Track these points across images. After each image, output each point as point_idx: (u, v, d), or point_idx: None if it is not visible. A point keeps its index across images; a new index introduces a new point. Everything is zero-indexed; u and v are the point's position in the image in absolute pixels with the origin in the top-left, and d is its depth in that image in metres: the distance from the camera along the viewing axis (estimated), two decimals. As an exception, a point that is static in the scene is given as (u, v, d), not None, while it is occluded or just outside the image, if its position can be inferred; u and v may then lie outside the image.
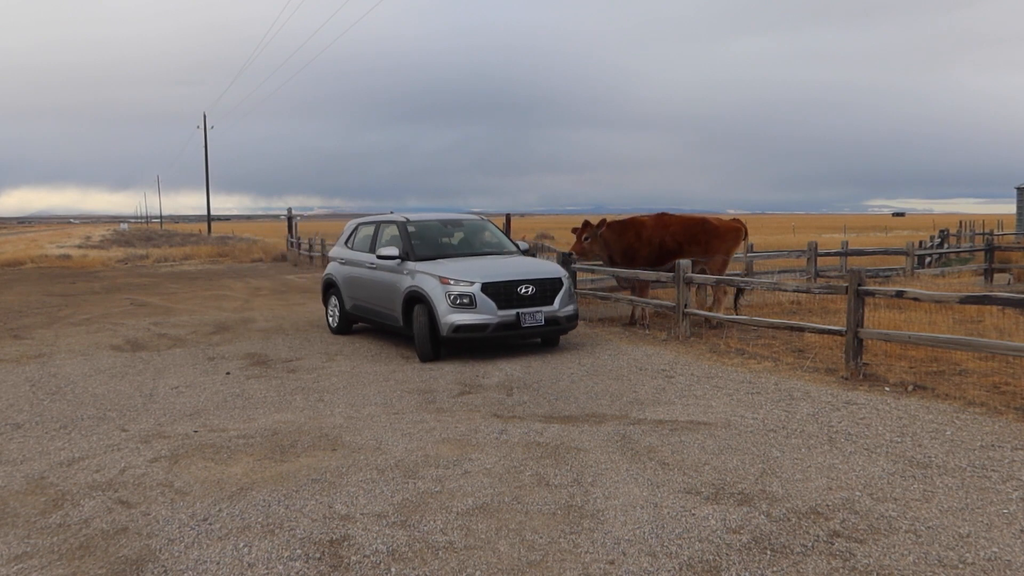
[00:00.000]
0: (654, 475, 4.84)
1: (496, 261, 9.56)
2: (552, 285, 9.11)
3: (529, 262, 9.66)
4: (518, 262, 9.54)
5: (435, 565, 3.69)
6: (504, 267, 9.22)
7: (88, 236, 61.12)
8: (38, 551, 3.89)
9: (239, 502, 4.48)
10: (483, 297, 8.71)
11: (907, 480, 4.72)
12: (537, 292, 8.93)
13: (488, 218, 10.50)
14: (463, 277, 8.80)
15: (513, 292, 8.82)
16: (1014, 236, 31.70)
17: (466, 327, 8.65)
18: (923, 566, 3.62)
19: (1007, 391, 6.90)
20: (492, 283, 8.79)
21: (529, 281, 8.96)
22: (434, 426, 6.04)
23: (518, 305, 8.81)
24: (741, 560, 3.70)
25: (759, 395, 6.95)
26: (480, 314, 8.70)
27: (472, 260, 9.56)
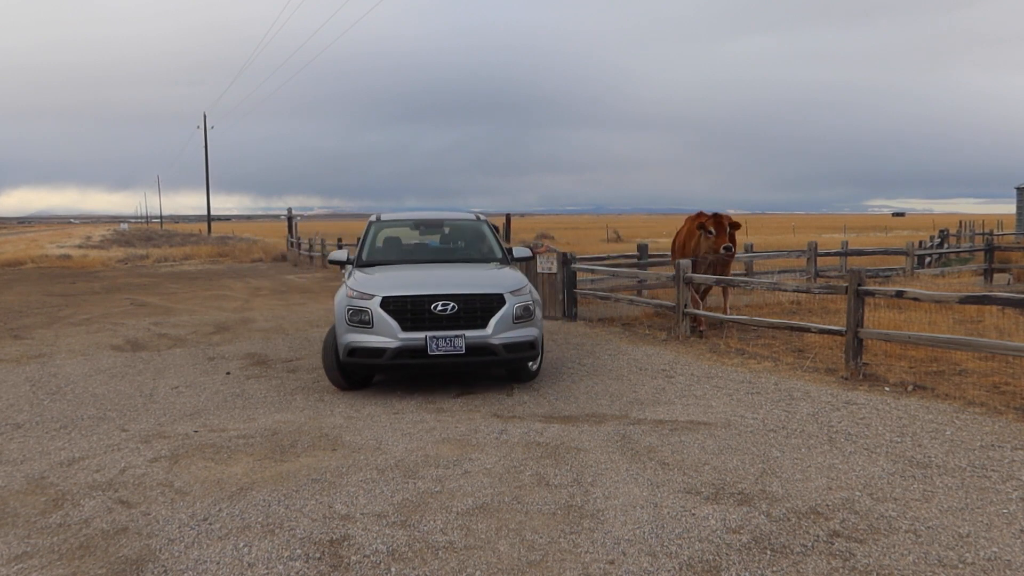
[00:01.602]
0: (654, 475, 4.84)
1: (451, 271, 7.93)
2: (486, 303, 7.08)
3: (478, 274, 7.79)
4: (472, 274, 7.79)
5: (435, 565, 3.69)
6: (441, 278, 7.54)
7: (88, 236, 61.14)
8: (38, 551, 3.89)
9: (239, 502, 4.48)
10: (381, 314, 6.93)
11: (907, 480, 4.72)
12: (461, 311, 6.99)
13: (485, 218, 9.15)
14: (366, 289, 7.16)
15: (425, 310, 6.95)
16: (1014, 236, 31.71)
17: (361, 350, 6.97)
18: (923, 566, 3.63)
19: (1007, 391, 6.91)
20: (396, 297, 6.99)
21: (449, 297, 7.00)
22: (434, 426, 6.04)
23: (431, 327, 6.92)
24: (741, 560, 3.70)
25: (759, 395, 6.95)
26: (376, 335, 6.92)
27: (426, 268, 7.98)
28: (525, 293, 7.44)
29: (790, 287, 10.38)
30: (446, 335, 6.92)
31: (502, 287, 7.30)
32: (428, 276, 7.64)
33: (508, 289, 7.29)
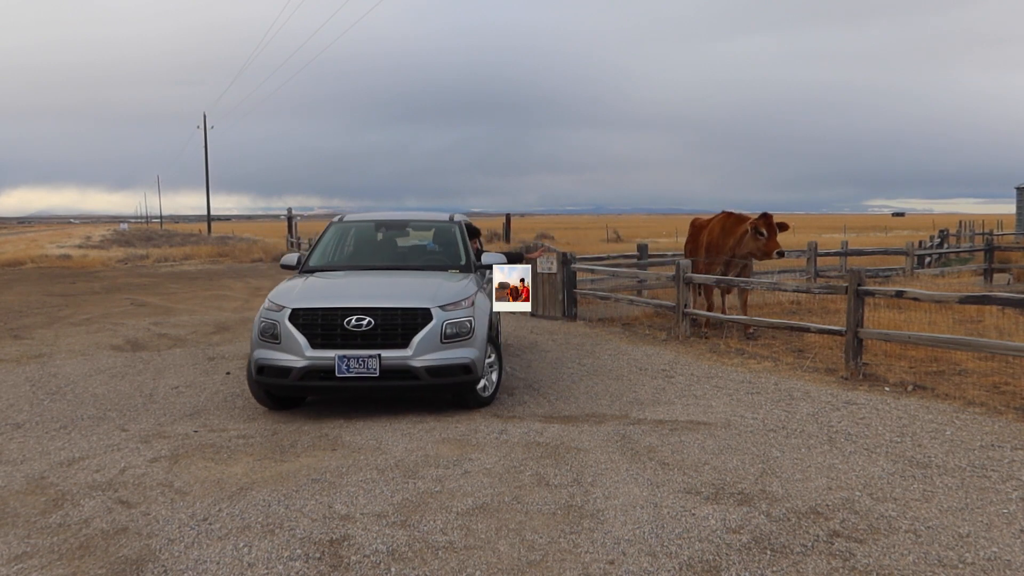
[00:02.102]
0: (654, 475, 4.84)
1: (392, 279, 7.17)
2: (408, 319, 6.18)
3: (418, 283, 6.88)
4: (411, 283, 6.94)
5: (435, 565, 3.69)
6: (370, 288, 6.81)
7: (88, 236, 61.13)
8: (38, 551, 3.89)
9: (239, 502, 4.48)
10: (289, 329, 6.17)
11: (907, 480, 4.72)
12: (379, 327, 6.12)
13: (462, 219, 8.29)
14: (280, 299, 6.47)
15: (337, 325, 6.13)
16: (1014, 236, 31.71)
17: (269, 369, 6.24)
18: (923, 566, 3.63)
19: (1007, 391, 6.91)
20: (306, 310, 6.24)
21: (365, 311, 6.15)
22: (434, 426, 6.04)
23: (344, 344, 6.12)
24: (741, 560, 3.70)
25: (759, 395, 6.95)
26: (283, 353, 6.17)
27: (368, 276, 7.27)
28: (463, 308, 6.43)
29: (790, 287, 10.39)
30: (359, 355, 6.07)
31: (431, 300, 6.34)
32: (357, 285, 6.90)
33: (438, 303, 6.33)
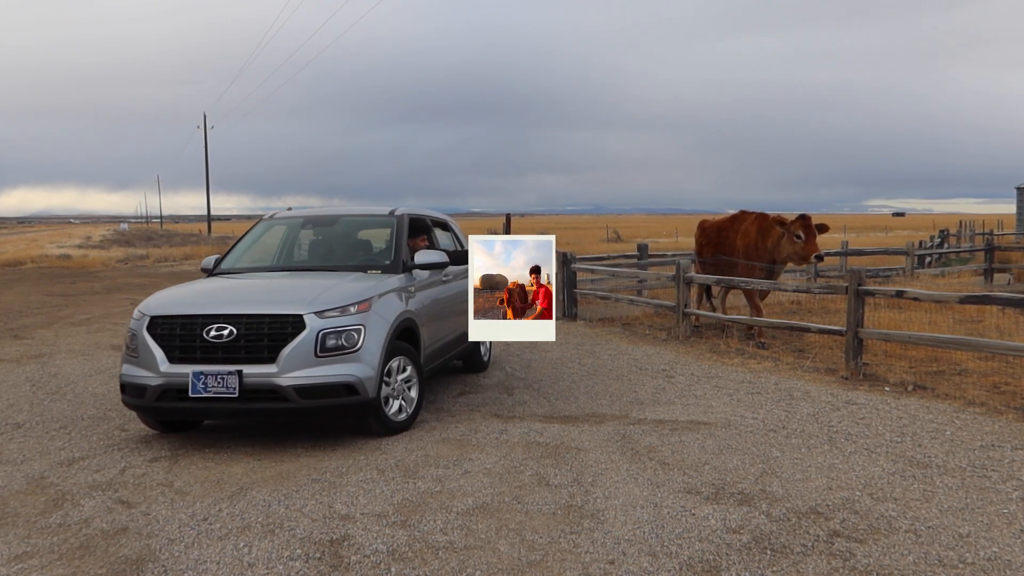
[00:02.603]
0: (654, 475, 4.84)
1: (290, 280, 6.27)
2: (277, 328, 5.29)
3: (308, 284, 5.96)
4: (300, 284, 6.04)
5: (435, 565, 3.69)
6: (247, 291, 6.01)
7: (88, 236, 61.14)
8: (38, 551, 3.89)
9: (239, 502, 4.48)
10: (146, 340, 5.43)
11: (907, 480, 4.72)
12: (242, 339, 5.27)
13: (406, 213, 7.12)
14: (145, 307, 5.70)
15: (196, 335, 5.31)
16: (1014, 236, 31.71)
17: (128, 387, 5.54)
18: (923, 566, 3.62)
19: (1007, 391, 6.91)
20: (165, 318, 5.46)
21: (228, 318, 5.33)
22: (434, 426, 6.04)
23: (203, 359, 5.30)
24: (741, 560, 3.70)
25: (759, 395, 6.95)
26: (140, 368, 5.44)
27: (268, 278, 6.44)
28: (350, 314, 5.45)
29: (790, 287, 10.38)
30: (217, 371, 5.20)
31: (306, 305, 5.38)
32: (232, 289, 6.07)
33: (315, 308, 5.37)
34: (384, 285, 6.02)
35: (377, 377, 5.54)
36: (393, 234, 6.82)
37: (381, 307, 5.78)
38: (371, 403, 5.50)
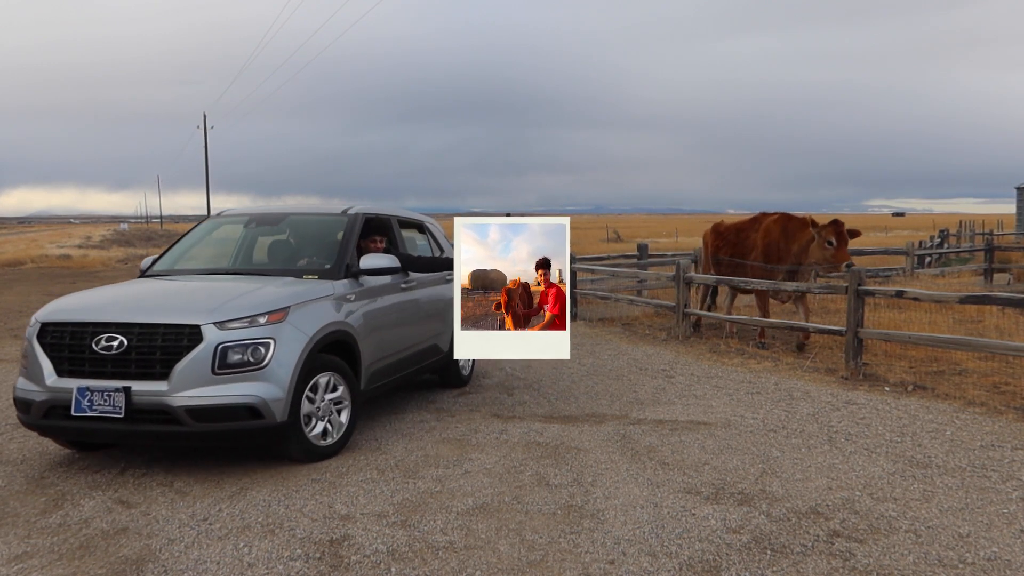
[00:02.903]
0: (654, 475, 4.84)
1: (214, 284, 5.60)
2: (171, 339, 4.68)
3: (221, 289, 5.33)
4: (212, 289, 5.39)
5: (435, 565, 3.69)
6: (151, 296, 5.38)
7: (88, 236, 61.14)
8: (38, 551, 3.89)
9: (239, 502, 4.48)
10: (35, 350, 4.92)
11: (907, 480, 4.72)
12: (132, 351, 4.70)
13: (361, 211, 6.38)
14: (40, 314, 5.14)
15: (85, 346, 4.77)
16: (1014, 236, 31.72)
17: (18, 402, 5.02)
18: (923, 566, 3.63)
19: (1007, 391, 6.91)
20: (55, 325, 4.94)
21: (120, 327, 4.76)
22: (434, 426, 6.04)
23: (92, 372, 4.75)
24: (741, 560, 3.70)
25: (759, 395, 6.95)
26: (29, 382, 4.94)
27: (195, 280, 5.84)
28: (259, 325, 4.81)
29: (790, 287, 10.38)
30: (103, 387, 4.64)
31: (206, 314, 4.75)
32: (135, 294, 5.45)
33: (216, 317, 4.73)
34: (311, 292, 5.34)
35: (288, 398, 4.83)
36: (342, 235, 6.08)
37: (301, 317, 5.07)
38: (280, 428, 4.82)
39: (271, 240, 6.70)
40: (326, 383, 5.23)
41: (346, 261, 5.83)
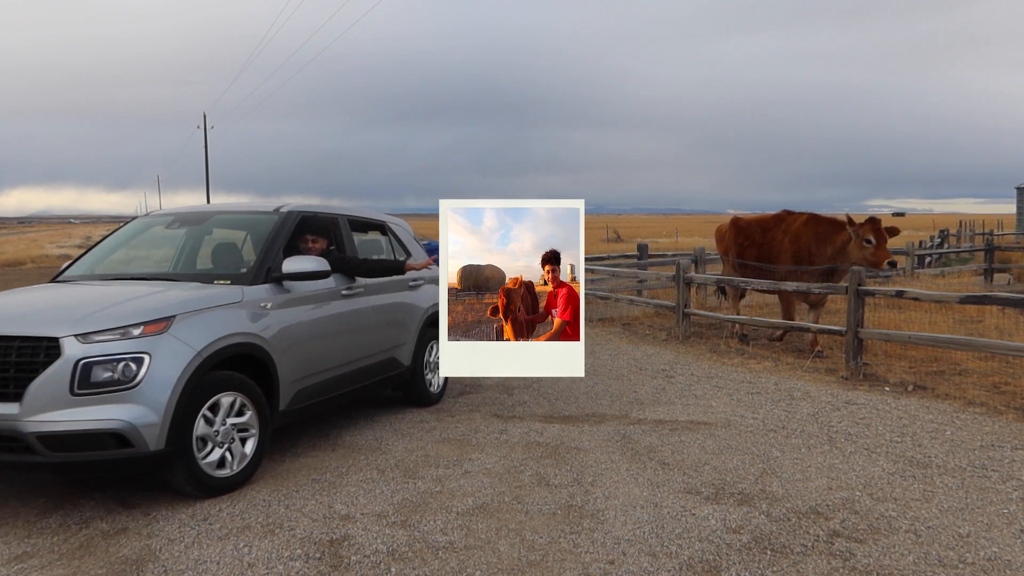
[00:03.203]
0: (654, 475, 4.84)
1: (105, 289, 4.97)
2: (27, 353, 4.08)
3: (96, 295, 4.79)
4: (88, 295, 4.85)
5: (435, 565, 3.69)
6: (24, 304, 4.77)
7: (88, 236, 61.11)
8: (38, 551, 3.89)
9: (239, 502, 4.48)
10: None
11: (907, 480, 4.72)
12: None
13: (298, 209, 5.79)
14: None
15: None
16: (1014, 236, 31.73)
17: None
18: (923, 566, 3.63)
19: (1007, 391, 6.91)
20: None
21: None
22: (434, 426, 6.04)
23: None
24: (741, 560, 3.70)
25: (759, 395, 6.95)
26: None
27: (94, 286, 5.15)
28: (131, 338, 4.18)
29: (790, 287, 10.38)
30: None
31: (68, 325, 4.14)
32: (16, 303, 4.80)
33: (80, 329, 4.12)
34: (208, 299, 4.67)
35: (165, 423, 4.14)
36: (266, 237, 5.46)
37: (189, 328, 4.38)
38: (155, 458, 4.16)
39: (192, 241, 6.13)
40: (231, 404, 4.58)
41: (268, 265, 5.21)
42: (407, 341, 6.46)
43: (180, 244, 6.22)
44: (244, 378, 4.69)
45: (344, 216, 6.31)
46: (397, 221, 7.16)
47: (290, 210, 5.76)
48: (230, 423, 4.59)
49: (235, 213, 6.51)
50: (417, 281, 6.65)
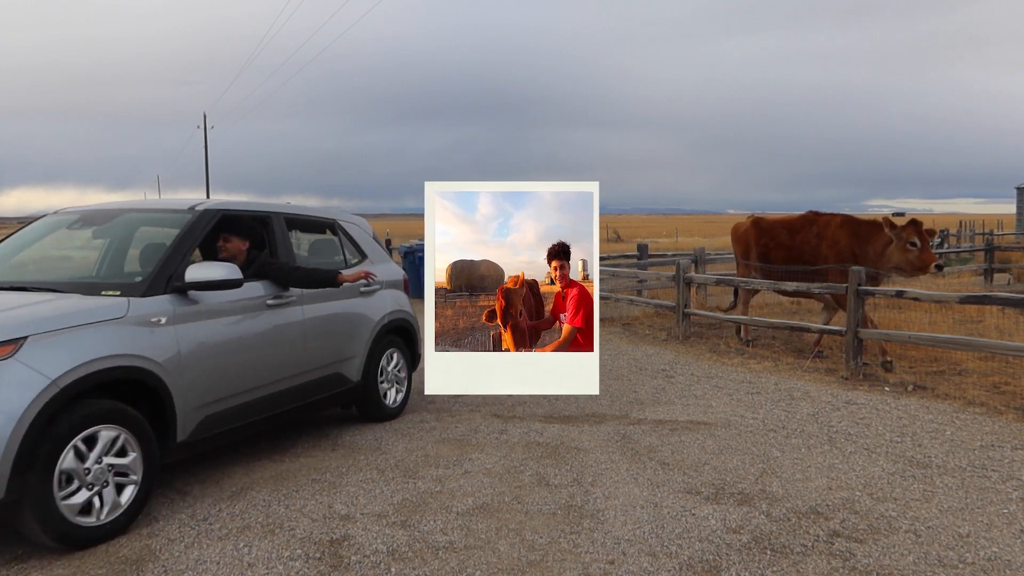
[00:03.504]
0: (654, 475, 4.84)
1: None
2: None
3: None
4: None
5: (435, 565, 3.69)
6: None
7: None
8: (38, 551, 3.89)
9: (239, 502, 4.48)
10: None
11: (907, 480, 4.72)
12: None
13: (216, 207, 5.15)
14: None
15: None
16: (1014, 236, 31.73)
17: None
18: (923, 566, 3.63)
19: (1007, 391, 6.91)
20: None
21: None
22: (434, 426, 6.04)
23: None
24: (741, 560, 3.70)
25: (759, 395, 6.95)
26: None
27: None
28: None
29: (790, 287, 10.38)
30: None
31: None
32: None
33: None
34: (79, 315, 3.96)
35: (7, 467, 3.49)
36: (179, 239, 4.77)
37: (43, 352, 3.70)
38: None
39: (96, 243, 5.45)
40: (111, 441, 3.91)
41: (169, 273, 4.52)
42: (355, 354, 5.79)
43: (82, 247, 5.56)
44: (127, 408, 4.02)
45: (281, 215, 5.62)
46: (352, 219, 6.50)
47: (206, 208, 5.09)
48: (108, 463, 3.92)
49: (145, 212, 5.67)
50: (371, 286, 5.99)
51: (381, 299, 6.17)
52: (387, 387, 6.25)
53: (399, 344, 6.41)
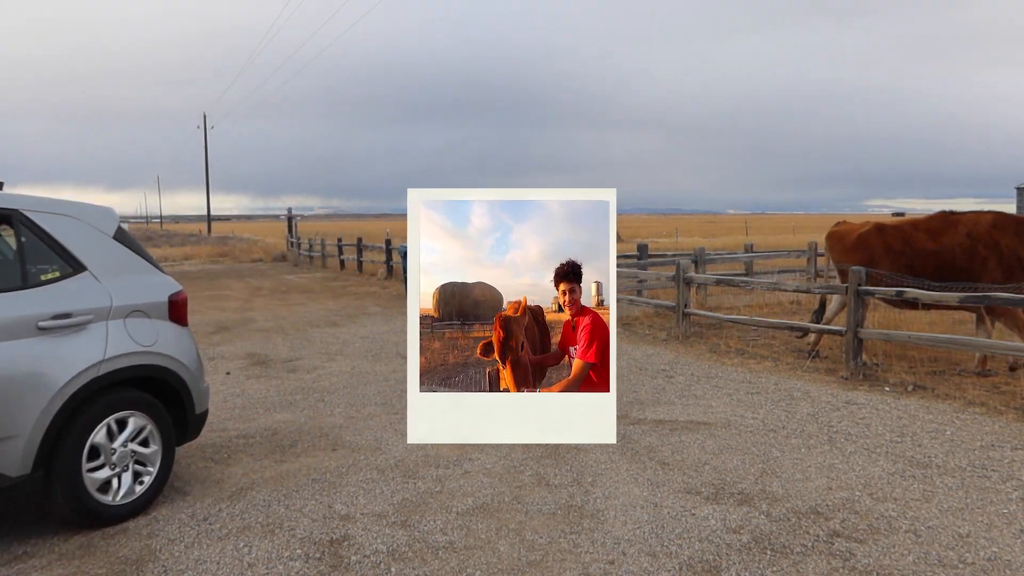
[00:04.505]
0: (654, 475, 4.84)
1: None
2: None
3: None
4: None
5: (435, 565, 3.69)
6: None
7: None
8: (38, 551, 3.89)
9: (239, 502, 4.48)
10: None
11: (907, 480, 4.72)
12: None
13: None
14: None
15: None
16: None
17: None
18: (923, 566, 3.63)
19: (1007, 391, 6.91)
20: None
21: None
22: (434, 426, 6.04)
23: None
24: (741, 560, 3.70)
25: (759, 395, 6.95)
26: None
27: None
28: None
29: (790, 287, 10.38)
30: None
31: None
32: None
33: None
34: None
35: None
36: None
37: None
38: None
39: None
40: None
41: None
42: (16, 434, 3.77)
43: None
44: None
45: None
46: (59, 209, 4.31)
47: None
48: None
49: None
50: (69, 319, 4.01)
51: (87, 338, 4.08)
52: (108, 474, 4.16)
53: (146, 404, 4.35)
